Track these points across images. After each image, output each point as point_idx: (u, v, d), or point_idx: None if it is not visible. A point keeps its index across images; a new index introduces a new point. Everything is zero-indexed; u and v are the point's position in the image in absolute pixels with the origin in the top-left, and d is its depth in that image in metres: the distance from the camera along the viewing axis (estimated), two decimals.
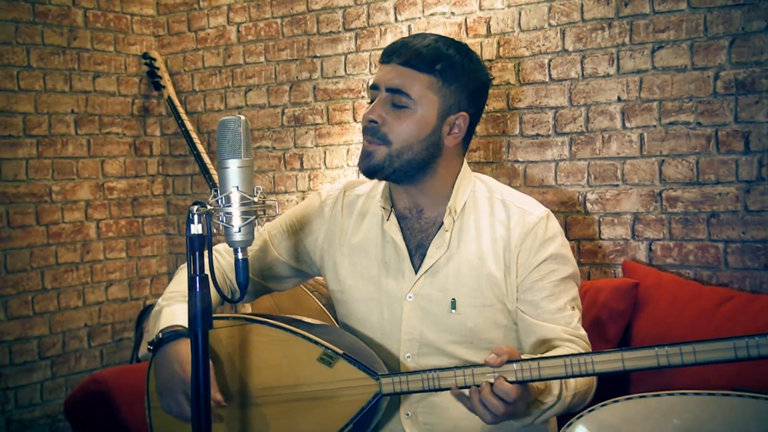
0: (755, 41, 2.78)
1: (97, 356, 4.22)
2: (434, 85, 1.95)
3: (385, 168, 1.95)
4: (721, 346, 1.56)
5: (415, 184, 2.01)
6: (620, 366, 1.64)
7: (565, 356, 1.69)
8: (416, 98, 1.93)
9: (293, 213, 2.23)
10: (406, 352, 2.01)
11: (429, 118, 1.95)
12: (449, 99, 1.96)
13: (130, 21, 4.36)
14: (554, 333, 1.94)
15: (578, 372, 1.68)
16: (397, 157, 1.94)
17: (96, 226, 4.22)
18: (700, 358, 1.58)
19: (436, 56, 1.95)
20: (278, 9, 4.01)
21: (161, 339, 1.95)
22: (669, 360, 1.60)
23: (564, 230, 3.15)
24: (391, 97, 1.95)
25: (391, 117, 1.94)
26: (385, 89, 1.96)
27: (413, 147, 1.95)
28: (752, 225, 2.81)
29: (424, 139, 1.96)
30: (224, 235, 1.59)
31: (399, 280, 2.03)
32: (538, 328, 1.95)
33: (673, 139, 2.95)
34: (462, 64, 1.98)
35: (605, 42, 3.08)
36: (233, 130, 1.60)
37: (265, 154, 4.09)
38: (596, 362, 1.66)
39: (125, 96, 4.34)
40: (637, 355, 1.63)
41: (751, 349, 1.53)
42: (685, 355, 1.58)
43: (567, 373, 1.68)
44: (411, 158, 1.95)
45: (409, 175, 1.98)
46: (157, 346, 1.96)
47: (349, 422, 1.89)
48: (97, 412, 2.90)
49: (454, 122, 1.98)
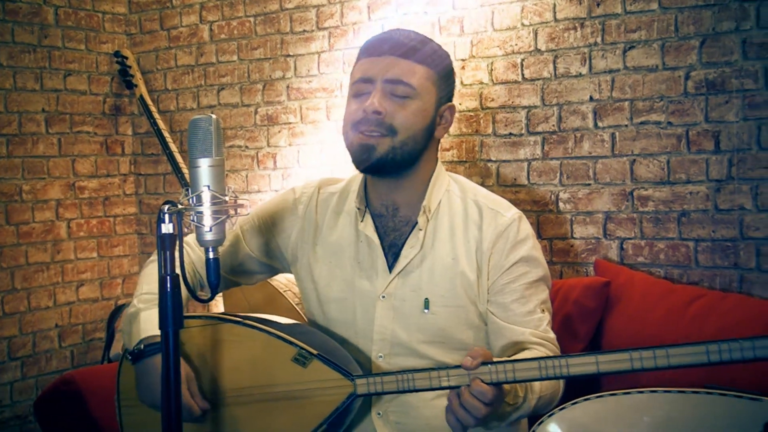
0: (725, 41, 2.80)
1: (68, 357, 4.18)
2: (431, 77, 1.99)
3: (389, 161, 1.96)
4: (695, 350, 1.58)
5: (399, 178, 2.02)
6: (594, 369, 1.65)
7: (540, 359, 1.70)
8: (417, 88, 1.96)
9: (266, 209, 2.22)
10: (378, 352, 2.01)
11: (428, 107, 1.98)
12: (441, 90, 2.01)
13: (102, 19, 4.33)
14: (523, 336, 1.95)
15: (553, 374, 1.68)
16: (401, 148, 1.95)
17: (67, 225, 4.18)
18: (674, 361, 1.60)
19: (428, 49, 2.00)
20: (251, 7, 3.99)
21: (143, 351, 1.94)
22: (643, 363, 1.61)
23: (536, 229, 3.19)
24: (391, 87, 1.95)
25: (393, 107, 1.95)
26: (382, 80, 1.96)
27: (416, 136, 1.97)
28: (722, 224, 2.83)
29: (425, 129, 1.99)
30: (195, 235, 1.59)
31: (372, 279, 2.03)
32: (508, 331, 1.96)
33: (644, 138, 2.97)
34: (445, 58, 2.04)
35: (577, 42, 3.09)
36: (204, 129, 1.59)
37: (238, 153, 4.08)
38: (571, 365, 1.67)
39: (96, 95, 4.31)
40: (611, 358, 1.64)
41: (723, 354, 1.55)
42: (659, 358, 1.60)
43: (542, 375, 1.69)
44: (412, 148, 1.97)
45: (403, 167, 1.99)
46: (139, 357, 1.94)
47: (322, 422, 1.88)
48: (67, 413, 2.88)
49: (443, 113, 2.03)
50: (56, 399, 2.91)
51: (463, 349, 1.99)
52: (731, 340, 1.54)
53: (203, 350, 2.00)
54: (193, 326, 2.02)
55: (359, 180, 2.10)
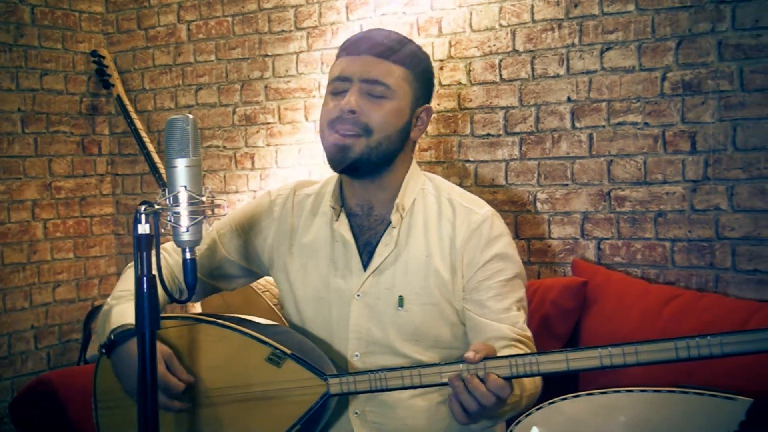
0: (701, 43, 2.82)
1: (44, 358, 4.15)
2: (408, 77, 1.99)
3: (364, 161, 1.96)
4: (663, 346, 1.59)
5: (375, 178, 2.02)
6: (564, 366, 1.66)
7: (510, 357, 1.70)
8: (394, 88, 1.96)
9: (243, 212, 2.22)
10: (354, 351, 2.01)
11: (404, 108, 1.98)
12: (417, 91, 2.01)
13: (79, 18, 4.30)
14: (501, 332, 1.95)
15: (524, 372, 1.68)
16: (376, 148, 1.95)
17: (43, 226, 4.15)
18: (643, 358, 1.60)
19: (406, 49, 2.00)
20: (229, 7, 3.98)
21: (113, 341, 1.94)
22: (612, 360, 1.62)
23: (514, 229, 3.19)
24: (367, 87, 1.96)
25: (369, 106, 1.95)
26: (359, 80, 1.96)
27: (391, 136, 1.97)
28: (698, 224, 2.85)
29: (400, 130, 1.98)
30: (172, 235, 1.58)
31: (348, 278, 2.03)
32: (486, 327, 1.96)
33: (621, 139, 2.98)
34: (424, 60, 2.04)
35: (555, 43, 3.11)
36: (181, 129, 1.59)
37: (215, 154, 4.06)
38: (541, 362, 1.67)
39: (73, 94, 4.29)
40: (581, 355, 1.65)
41: (691, 350, 1.56)
42: (628, 355, 1.61)
43: (512, 373, 1.69)
44: (387, 149, 1.97)
45: (379, 167, 1.99)
46: (111, 348, 1.95)
47: (296, 422, 1.88)
48: (43, 414, 2.86)
49: (419, 115, 2.03)
50: (32, 400, 2.90)
51: (439, 347, 2.00)
52: (699, 336, 1.55)
53: (179, 351, 1.99)
54: (170, 326, 2.02)
55: (334, 180, 2.11)
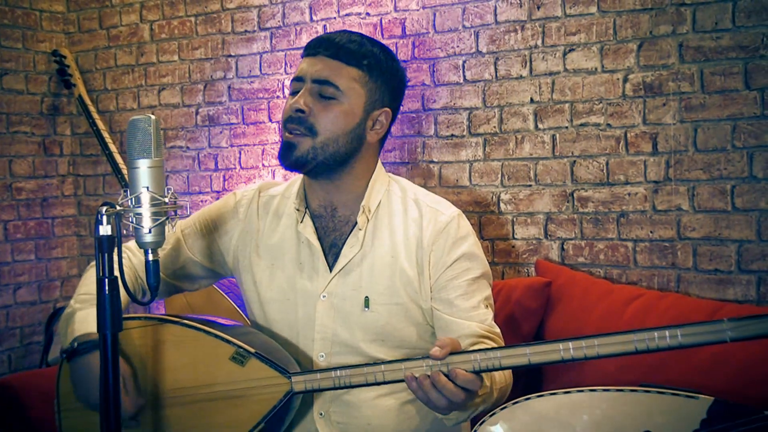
0: (662, 45, 2.85)
1: (5, 361, 4.10)
2: (361, 79, 1.98)
3: (309, 161, 1.96)
4: (622, 339, 1.62)
5: (332, 179, 2.02)
6: (526, 360, 1.68)
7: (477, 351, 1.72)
8: (344, 89, 1.96)
9: (208, 212, 2.22)
10: (319, 351, 2.01)
11: (355, 110, 1.98)
12: (374, 94, 2.00)
13: (39, 17, 4.26)
14: (470, 329, 1.96)
15: (486, 367, 1.70)
16: (322, 150, 1.96)
17: (4, 227, 4.11)
18: (602, 351, 1.63)
19: (364, 51, 1.99)
20: (192, 7, 3.96)
21: (76, 349, 1.92)
22: (572, 354, 1.64)
23: (478, 230, 3.21)
24: (318, 88, 1.96)
25: (318, 107, 1.96)
26: (311, 80, 1.97)
27: (339, 139, 1.97)
28: (660, 224, 2.88)
29: (350, 132, 1.98)
30: (134, 237, 1.57)
31: (313, 279, 2.04)
32: (455, 325, 1.98)
33: (584, 140, 3.00)
34: (386, 61, 2.03)
35: (518, 44, 3.12)
36: (143, 129, 1.58)
37: (178, 154, 4.04)
38: (503, 357, 1.69)
39: (34, 94, 4.24)
40: (542, 349, 1.67)
41: (650, 342, 1.59)
42: (587, 348, 1.64)
43: (474, 368, 1.70)
44: (335, 151, 1.97)
45: (331, 168, 1.99)
46: (72, 355, 1.93)
47: (260, 421, 1.88)
48: (5, 419, 2.83)
49: (377, 118, 2.03)
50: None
51: (405, 347, 2.01)
52: (658, 328, 1.58)
53: (142, 351, 1.98)
54: (134, 327, 2.00)
55: (299, 182, 2.11)
